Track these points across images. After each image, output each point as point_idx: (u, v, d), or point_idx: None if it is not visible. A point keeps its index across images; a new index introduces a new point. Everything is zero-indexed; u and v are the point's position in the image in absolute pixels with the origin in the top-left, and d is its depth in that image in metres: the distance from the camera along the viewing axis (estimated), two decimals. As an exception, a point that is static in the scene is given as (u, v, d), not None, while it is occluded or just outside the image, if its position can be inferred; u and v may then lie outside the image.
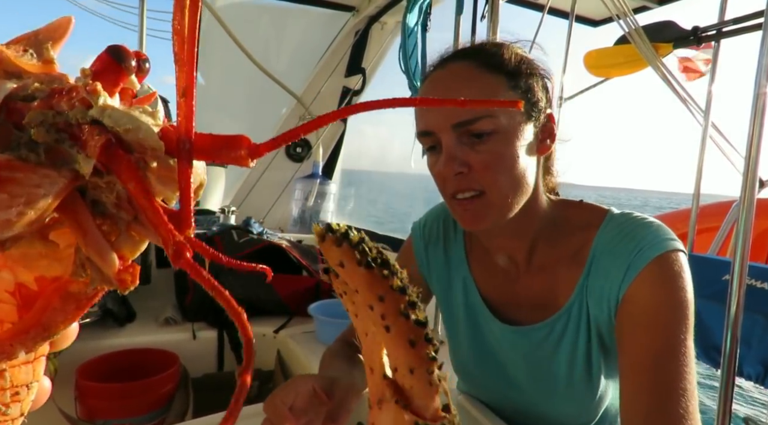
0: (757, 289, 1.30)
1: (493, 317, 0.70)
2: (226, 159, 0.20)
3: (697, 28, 1.59)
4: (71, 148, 0.19)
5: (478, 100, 0.18)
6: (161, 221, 0.19)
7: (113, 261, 0.21)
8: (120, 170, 0.19)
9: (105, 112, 0.19)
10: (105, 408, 1.09)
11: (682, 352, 0.54)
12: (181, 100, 0.19)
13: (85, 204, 0.20)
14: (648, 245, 0.58)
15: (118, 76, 0.21)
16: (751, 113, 0.91)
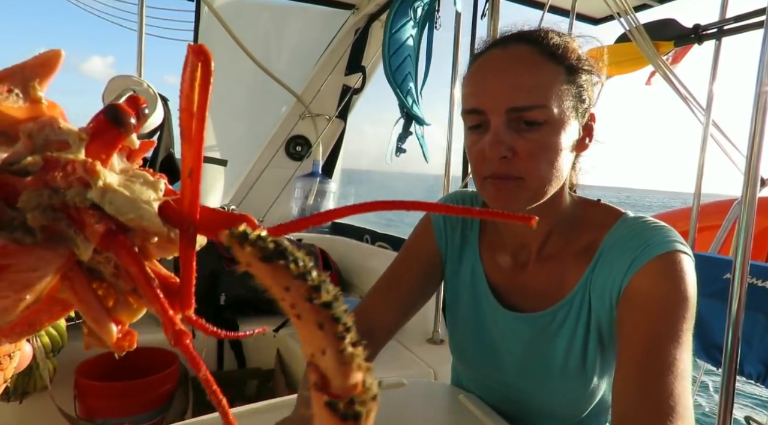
0: (759, 288, 1.30)
1: (496, 302, 0.71)
2: None
3: (698, 26, 1.59)
4: (68, 227, 0.18)
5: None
6: (162, 309, 0.19)
7: (111, 331, 0.21)
8: (120, 254, 0.19)
9: (105, 197, 0.18)
10: (104, 407, 1.09)
11: (677, 340, 0.54)
12: (187, 179, 0.19)
13: (82, 273, 0.20)
14: (655, 243, 0.58)
15: (116, 139, 0.20)
16: (752, 111, 0.91)
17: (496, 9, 1.28)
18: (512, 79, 0.57)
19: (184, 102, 0.19)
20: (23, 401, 1.07)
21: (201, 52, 0.18)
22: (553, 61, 0.59)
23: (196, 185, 0.19)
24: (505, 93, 0.57)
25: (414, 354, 1.40)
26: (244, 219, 0.19)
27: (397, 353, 1.41)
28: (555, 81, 0.58)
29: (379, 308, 0.74)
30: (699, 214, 1.78)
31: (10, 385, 1.04)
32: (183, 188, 0.19)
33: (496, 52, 0.61)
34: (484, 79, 0.60)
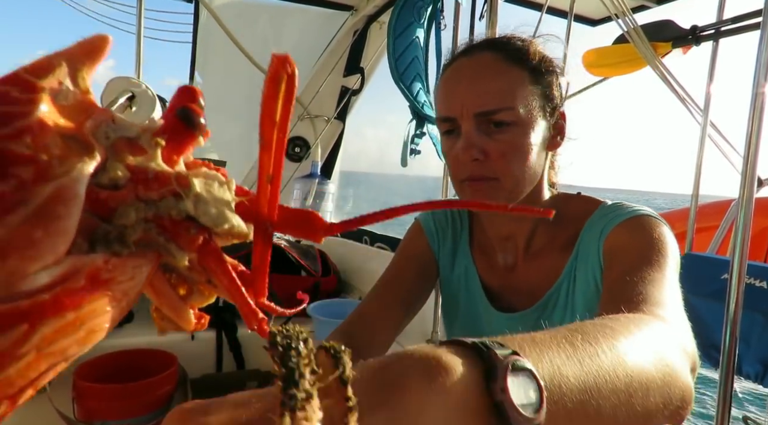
0: (756, 288, 1.30)
1: (489, 304, 0.73)
2: (300, 234, 0.21)
3: (696, 27, 1.60)
4: (158, 235, 0.19)
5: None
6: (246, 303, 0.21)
7: (190, 319, 0.22)
8: (209, 260, 0.20)
9: (198, 207, 0.19)
10: (103, 408, 1.08)
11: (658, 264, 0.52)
12: (266, 185, 0.20)
13: (159, 270, 0.20)
14: (622, 213, 0.61)
15: (189, 140, 0.20)
16: (749, 112, 0.91)
17: (494, 10, 1.28)
18: (478, 85, 0.60)
19: (266, 112, 0.19)
20: (22, 403, 1.07)
21: (286, 63, 0.18)
22: (516, 65, 0.61)
23: (276, 190, 0.20)
24: (472, 99, 0.60)
25: (413, 355, 1.40)
26: (314, 216, 0.21)
27: (396, 354, 1.41)
28: (519, 84, 0.61)
29: (380, 313, 0.73)
30: (697, 215, 1.79)
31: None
32: (261, 191, 0.20)
33: (462, 60, 0.64)
34: (453, 87, 0.63)
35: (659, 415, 0.35)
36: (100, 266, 0.16)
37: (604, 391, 0.30)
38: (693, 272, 1.38)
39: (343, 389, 0.20)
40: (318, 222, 0.21)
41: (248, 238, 0.21)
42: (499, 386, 0.24)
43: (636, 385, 0.33)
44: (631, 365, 0.33)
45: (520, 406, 0.24)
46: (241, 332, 1.45)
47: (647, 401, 0.33)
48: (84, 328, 0.15)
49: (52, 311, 0.14)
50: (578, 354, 0.31)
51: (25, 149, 0.14)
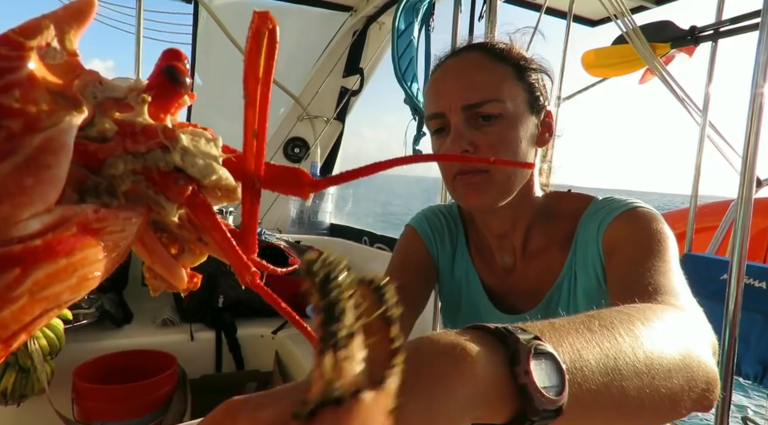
0: (755, 288, 1.30)
1: (492, 306, 0.73)
2: (288, 190, 0.21)
3: (695, 27, 1.60)
4: (147, 188, 0.19)
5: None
6: (237, 255, 0.21)
7: (182, 276, 0.22)
8: (198, 213, 0.20)
9: (186, 159, 0.19)
10: (102, 409, 1.08)
11: (660, 256, 0.54)
12: (252, 140, 0.20)
13: (149, 226, 0.21)
14: (616, 207, 0.63)
15: (175, 98, 0.20)
16: (748, 113, 0.91)
17: (493, 11, 1.28)
18: (465, 79, 0.62)
19: (249, 68, 0.19)
20: (21, 404, 1.07)
21: (267, 19, 0.19)
22: (500, 61, 0.63)
23: (262, 145, 0.21)
24: (458, 93, 0.62)
25: (412, 355, 1.40)
26: (300, 172, 0.21)
27: (395, 354, 1.41)
28: (505, 78, 0.63)
29: None
30: (696, 215, 1.79)
31: (9, 388, 1.03)
32: (247, 147, 0.20)
33: (449, 61, 0.67)
34: (440, 84, 0.65)
35: (685, 398, 0.35)
36: (90, 215, 0.16)
37: (626, 372, 0.31)
38: (692, 273, 1.38)
39: (388, 328, 0.18)
40: (304, 178, 0.21)
41: (236, 193, 0.21)
42: (523, 369, 0.24)
43: (657, 367, 0.33)
44: (650, 347, 0.33)
45: (544, 388, 0.24)
46: (240, 333, 1.45)
47: (670, 383, 0.33)
48: (76, 275, 0.15)
49: (44, 257, 0.14)
50: (596, 338, 0.31)
51: (14, 102, 0.15)
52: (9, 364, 1.04)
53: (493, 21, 1.28)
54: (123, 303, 1.45)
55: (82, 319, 1.28)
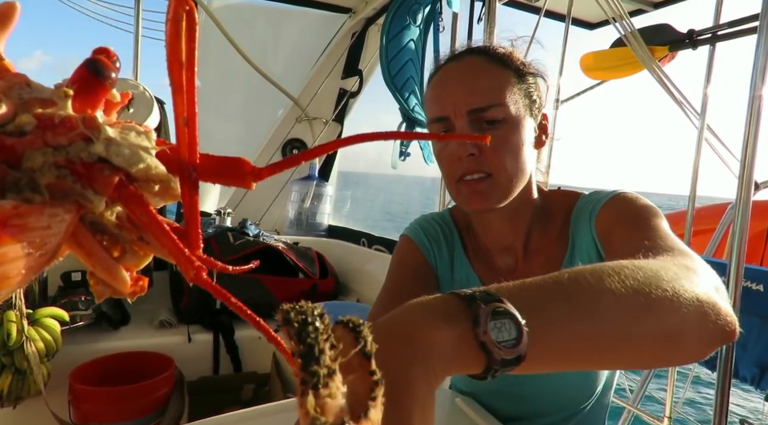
0: (753, 291, 1.30)
1: None
2: (229, 181, 0.20)
3: (693, 31, 1.60)
4: (74, 183, 0.18)
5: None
6: (179, 250, 0.20)
7: (124, 279, 0.21)
8: (129, 204, 0.19)
9: (110, 149, 0.19)
10: (99, 412, 1.08)
11: (654, 225, 0.56)
12: (183, 127, 0.19)
13: (85, 227, 0.20)
14: (603, 196, 0.66)
15: (100, 92, 0.20)
16: (746, 116, 0.91)
17: (492, 13, 1.28)
18: (468, 84, 0.63)
19: (171, 53, 0.19)
20: (17, 406, 1.06)
21: (184, 1, 0.18)
22: (502, 65, 0.65)
23: (193, 132, 0.20)
24: (463, 97, 0.63)
25: (411, 357, 1.40)
26: (241, 162, 0.20)
27: (393, 356, 1.41)
28: (507, 82, 0.64)
29: None
30: (694, 218, 1.79)
31: (5, 390, 1.03)
32: (180, 136, 0.20)
33: (450, 65, 0.67)
34: (443, 88, 0.66)
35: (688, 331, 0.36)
36: (9, 211, 0.16)
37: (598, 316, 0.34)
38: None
39: (367, 363, 0.19)
40: (246, 167, 0.20)
41: (172, 184, 0.20)
42: (482, 330, 0.30)
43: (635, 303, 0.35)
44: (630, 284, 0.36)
45: (501, 342, 0.30)
46: (238, 334, 1.45)
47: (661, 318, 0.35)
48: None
49: None
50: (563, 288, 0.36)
51: None
52: (5, 366, 1.04)
53: (492, 24, 1.29)
54: (120, 305, 1.44)
55: (78, 321, 1.27)
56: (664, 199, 49.52)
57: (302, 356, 0.17)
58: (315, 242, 2.00)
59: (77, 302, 1.29)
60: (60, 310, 1.18)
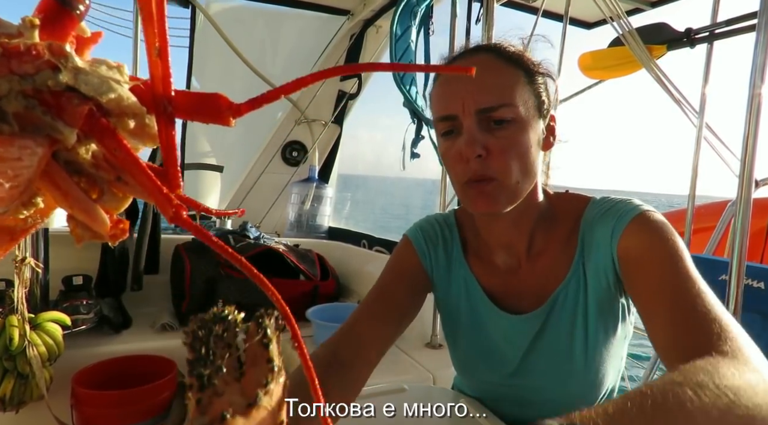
0: (754, 288, 1.30)
1: (495, 307, 0.72)
2: (207, 118, 0.20)
3: (690, 29, 1.61)
4: (44, 115, 0.18)
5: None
6: (156, 187, 0.19)
7: (103, 219, 0.20)
8: (103, 138, 0.19)
9: (79, 77, 0.18)
10: (102, 415, 1.08)
11: (686, 271, 0.56)
12: (156, 59, 0.18)
13: (60, 166, 0.19)
14: (625, 211, 0.63)
15: (68, 24, 0.19)
16: (746, 114, 0.91)
17: (490, 14, 1.28)
18: (478, 82, 0.62)
19: None
20: (19, 411, 1.06)
21: None
22: (512, 65, 0.64)
23: (166, 64, 0.19)
24: (473, 96, 0.61)
25: (413, 358, 1.40)
26: (218, 97, 0.19)
27: (396, 357, 1.41)
28: (517, 82, 0.63)
29: (367, 328, 0.71)
30: (693, 215, 1.79)
31: (7, 394, 1.03)
32: (153, 69, 0.19)
33: (459, 62, 0.66)
34: (452, 86, 0.64)
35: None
36: None
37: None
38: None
39: (264, 351, 0.20)
40: (223, 102, 0.19)
41: (146, 119, 0.19)
42: None
43: None
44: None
45: None
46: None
47: None
48: None
49: None
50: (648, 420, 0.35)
51: None
52: (8, 370, 1.04)
53: (490, 24, 1.29)
54: (122, 308, 1.44)
55: (80, 325, 1.27)
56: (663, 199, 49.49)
57: (189, 362, 0.19)
58: (316, 244, 2.00)
59: (79, 306, 1.29)
60: (62, 314, 1.18)
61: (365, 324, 0.72)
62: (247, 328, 0.20)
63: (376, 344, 0.71)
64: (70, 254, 1.50)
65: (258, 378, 0.19)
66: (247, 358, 0.19)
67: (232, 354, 0.19)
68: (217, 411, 0.17)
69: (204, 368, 0.18)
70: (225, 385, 0.18)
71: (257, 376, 0.19)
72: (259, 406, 0.18)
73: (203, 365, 0.18)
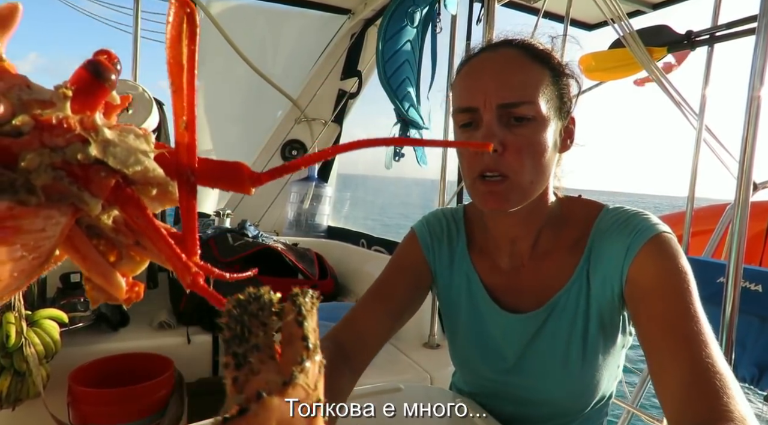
0: (751, 291, 1.30)
1: (495, 306, 0.73)
2: (227, 186, 0.20)
3: (691, 32, 1.61)
4: (71, 185, 0.18)
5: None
6: (175, 255, 0.20)
7: (120, 284, 0.21)
8: (126, 206, 0.19)
9: (107, 150, 0.18)
10: (98, 413, 1.08)
11: (694, 311, 0.56)
12: (183, 132, 0.19)
13: (81, 231, 0.20)
14: (642, 228, 0.62)
15: (100, 94, 0.19)
16: (745, 116, 0.92)
17: (491, 14, 1.28)
18: (502, 77, 0.61)
19: (172, 54, 0.19)
20: (16, 408, 1.06)
21: (186, 4, 0.18)
22: (539, 62, 0.63)
23: (192, 136, 0.19)
24: (495, 90, 0.61)
25: (410, 358, 1.40)
26: (240, 166, 0.20)
27: (393, 357, 1.41)
28: (541, 80, 0.62)
29: (369, 320, 0.73)
30: (692, 218, 1.79)
31: (3, 392, 1.03)
32: (179, 140, 0.20)
33: (486, 54, 0.65)
34: (476, 78, 0.63)
35: None
36: (3, 212, 0.16)
37: None
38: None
39: (299, 329, 0.20)
40: (244, 172, 0.20)
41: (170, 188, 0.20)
42: None
43: None
44: None
45: None
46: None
47: None
48: None
49: None
50: None
51: None
52: (4, 368, 1.03)
53: (491, 25, 1.29)
54: (119, 306, 1.44)
55: (78, 322, 1.27)
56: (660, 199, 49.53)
57: (224, 341, 0.19)
58: (314, 243, 2.00)
59: (76, 303, 1.29)
60: (59, 312, 1.18)
61: (367, 315, 0.74)
62: (282, 308, 0.20)
63: (378, 335, 0.73)
64: (68, 251, 1.50)
65: (293, 356, 0.19)
66: (282, 337, 0.20)
67: (267, 333, 0.19)
68: (254, 390, 0.17)
69: (239, 347, 0.18)
70: (260, 364, 0.18)
71: (293, 355, 0.19)
72: (295, 384, 0.18)
73: (238, 343, 0.19)
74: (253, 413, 0.17)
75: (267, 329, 0.19)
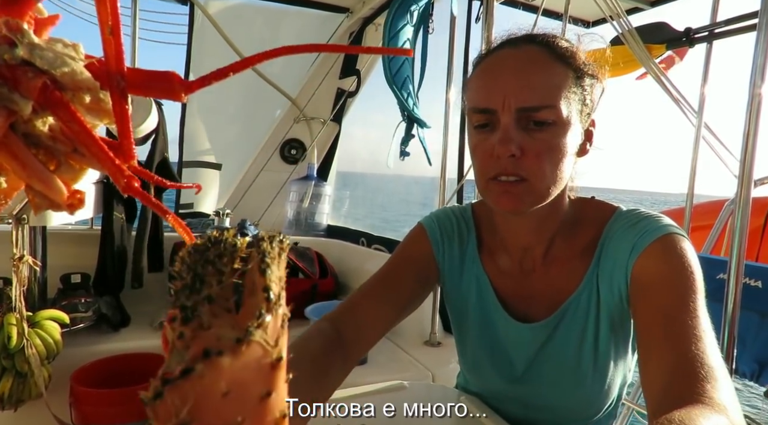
0: (752, 287, 1.31)
1: (506, 314, 0.71)
2: (159, 94, 0.20)
3: (690, 29, 1.61)
4: (1, 87, 0.19)
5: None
6: (108, 159, 0.20)
7: (60, 188, 0.21)
8: (58, 110, 0.19)
9: (34, 52, 0.19)
10: (100, 414, 1.08)
11: (691, 310, 0.54)
12: (108, 37, 0.19)
13: (18, 138, 0.20)
14: (651, 229, 0.60)
15: (25, 4, 0.19)
16: (746, 114, 0.91)
17: (490, 13, 1.28)
18: (524, 78, 0.58)
19: None
20: (18, 409, 1.06)
21: None
22: (562, 63, 0.60)
23: (119, 41, 0.20)
24: (516, 92, 0.57)
25: (411, 356, 1.40)
26: (171, 75, 0.20)
27: (394, 355, 1.41)
28: (564, 83, 0.59)
29: (371, 308, 0.70)
30: (691, 214, 1.79)
31: (5, 393, 1.03)
32: (106, 46, 0.20)
33: (507, 50, 0.62)
34: (495, 78, 0.60)
35: None
36: None
37: None
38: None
39: (261, 277, 0.17)
40: (175, 79, 0.20)
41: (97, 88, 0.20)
42: None
43: None
44: None
45: None
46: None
47: None
48: None
49: None
50: None
51: None
52: (6, 369, 1.03)
53: (490, 23, 1.29)
54: (120, 307, 1.44)
55: (79, 323, 1.27)
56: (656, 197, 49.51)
57: (174, 293, 0.17)
58: (314, 242, 2.00)
59: (77, 304, 1.29)
60: (60, 312, 1.18)
61: (369, 304, 0.71)
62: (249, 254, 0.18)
63: (378, 326, 0.70)
64: (68, 252, 1.50)
65: (252, 309, 0.17)
66: (245, 287, 0.17)
67: (224, 283, 0.17)
68: (201, 347, 0.15)
69: (188, 299, 0.16)
70: (212, 318, 0.16)
71: (252, 307, 0.17)
72: (250, 342, 0.16)
73: (188, 295, 0.16)
74: (198, 374, 0.14)
75: (224, 277, 0.17)
